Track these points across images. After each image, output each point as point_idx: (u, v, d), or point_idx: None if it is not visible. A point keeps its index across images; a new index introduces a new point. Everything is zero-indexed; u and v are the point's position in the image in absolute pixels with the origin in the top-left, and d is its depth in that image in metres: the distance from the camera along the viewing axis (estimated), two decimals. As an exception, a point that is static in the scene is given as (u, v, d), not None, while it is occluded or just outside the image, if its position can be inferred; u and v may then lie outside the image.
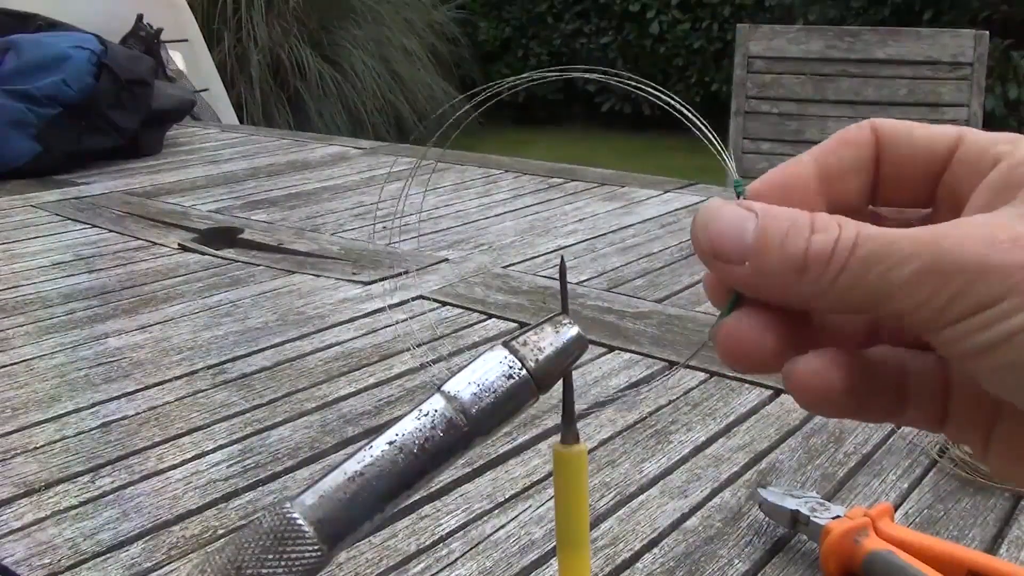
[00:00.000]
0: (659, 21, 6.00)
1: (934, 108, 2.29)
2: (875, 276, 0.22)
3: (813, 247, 0.23)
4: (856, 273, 0.23)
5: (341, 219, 1.38)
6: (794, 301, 0.24)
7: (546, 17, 6.53)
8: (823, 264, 0.23)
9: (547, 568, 0.53)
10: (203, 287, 1.06)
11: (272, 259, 1.17)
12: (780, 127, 2.37)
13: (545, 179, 1.63)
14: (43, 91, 1.69)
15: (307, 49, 5.17)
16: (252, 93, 4.98)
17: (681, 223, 1.32)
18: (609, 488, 0.61)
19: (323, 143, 2.12)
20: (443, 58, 6.01)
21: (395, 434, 0.24)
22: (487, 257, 1.16)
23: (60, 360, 0.85)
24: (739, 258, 0.24)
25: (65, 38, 1.84)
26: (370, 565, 0.53)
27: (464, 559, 0.54)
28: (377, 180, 1.67)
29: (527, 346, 0.26)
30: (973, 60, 2.25)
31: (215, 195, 1.56)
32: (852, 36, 2.36)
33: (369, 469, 0.23)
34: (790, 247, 0.23)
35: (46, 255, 1.20)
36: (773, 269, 0.23)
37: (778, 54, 2.38)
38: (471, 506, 0.59)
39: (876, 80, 2.32)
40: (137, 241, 1.26)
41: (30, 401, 0.76)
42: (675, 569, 0.52)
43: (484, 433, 0.25)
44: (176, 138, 2.09)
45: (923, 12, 5.03)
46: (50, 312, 0.98)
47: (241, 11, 5.02)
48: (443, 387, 0.25)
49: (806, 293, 0.23)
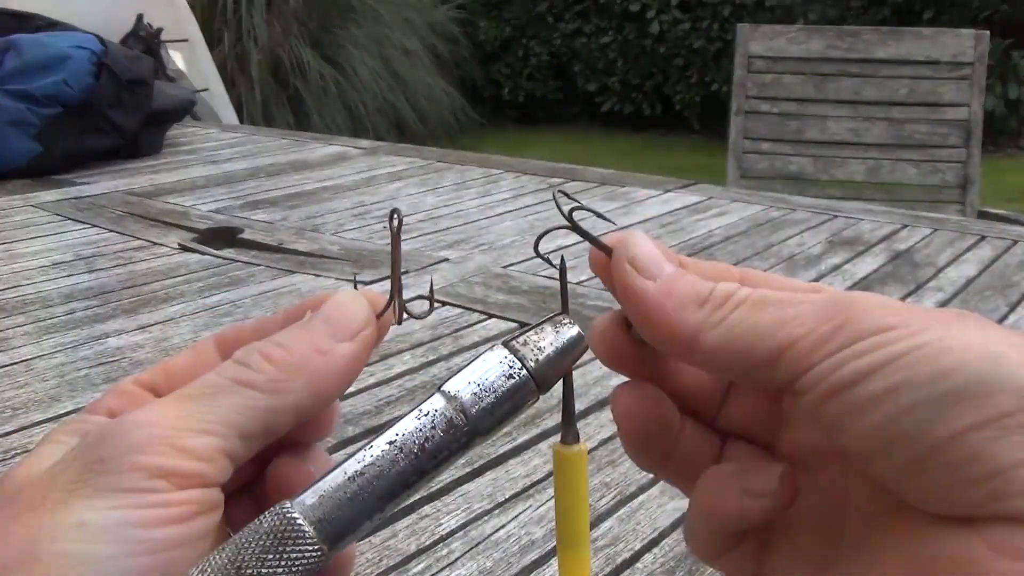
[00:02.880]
0: (659, 21, 6.00)
1: (934, 108, 2.29)
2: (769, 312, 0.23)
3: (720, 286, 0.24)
4: (751, 308, 0.24)
5: (341, 219, 1.38)
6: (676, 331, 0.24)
7: (546, 17, 6.52)
8: (723, 298, 0.24)
9: (547, 568, 0.53)
10: (203, 287, 1.06)
11: (272, 259, 1.17)
12: (780, 127, 2.37)
13: (545, 179, 1.63)
14: (43, 91, 1.69)
15: (307, 49, 5.17)
16: (252, 93, 4.98)
17: (681, 223, 1.32)
18: (609, 488, 0.61)
19: (323, 143, 2.12)
20: (443, 58, 6.01)
21: (395, 434, 0.24)
22: (487, 257, 1.16)
23: (60, 360, 0.85)
24: (651, 274, 0.25)
25: (65, 38, 1.83)
26: (370, 565, 0.53)
27: (464, 559, 0.54)
28: (377, 180, 1.67)
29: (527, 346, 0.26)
30: (973, 60, 2.25)
31: (215, 195, 1.56)
32: (852, 36, 2.36)
33: (369, 469, 0.23)
34: (698, 284, 0.25)
35: (46, 255, 1.20)
36: (678, 292, 0.24)
37: (778, 54, 2.38)
38: (471, 506, 0.59)
39: (876, 80, 2.32)
40: (137, 241, 1.26)
41: (30, 401, 0.76)
42: (675, 569, 0.52)
43: (484, 433, 0.25)
44: (176, 138, 2.09)
45: (923, 12, 5.03)
46: (50, 312, 0.98)
47: (241, 11, 5.02)
48: (443, 387, 0.25)
49: (695, 323, 0.24)
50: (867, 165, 2.32)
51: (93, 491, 0.21)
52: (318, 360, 0.24)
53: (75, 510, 0.21)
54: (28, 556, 0.20)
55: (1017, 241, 1.19)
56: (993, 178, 3.80)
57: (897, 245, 1.20)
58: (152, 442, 0.22)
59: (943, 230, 1.25)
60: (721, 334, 0.24)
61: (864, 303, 0.22)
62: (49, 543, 0.20)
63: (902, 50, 2.31)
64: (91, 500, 0.21)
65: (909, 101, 2.30)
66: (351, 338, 0.25)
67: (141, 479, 0.21)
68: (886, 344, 0.21)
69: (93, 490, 0.21)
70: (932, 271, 1.09)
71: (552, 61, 6.56)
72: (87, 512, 0.21)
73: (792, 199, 1.47)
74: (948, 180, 2.28)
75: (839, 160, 2.33)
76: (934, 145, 2.29)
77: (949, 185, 2.28)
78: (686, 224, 1.32)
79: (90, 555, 0.20)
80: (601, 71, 6.31)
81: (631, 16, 6.13)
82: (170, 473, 0.22)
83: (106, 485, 0.21)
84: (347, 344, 0.25)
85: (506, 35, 6.67)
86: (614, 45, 6.24)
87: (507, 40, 6.69)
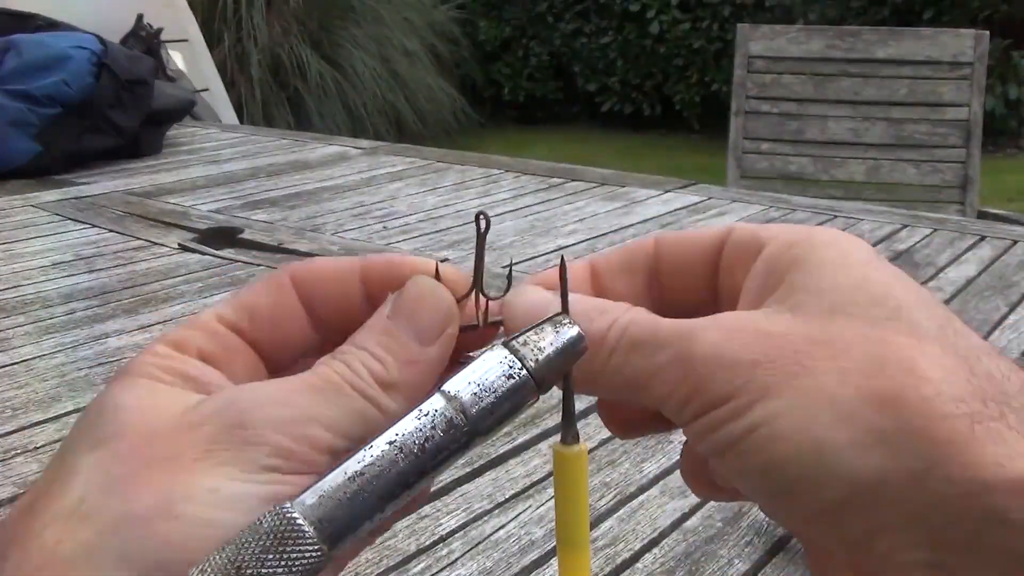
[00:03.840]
0: (659, 21, 6.00)
1: (934, 108, 2.29)
2: (636, 360, 0.24)
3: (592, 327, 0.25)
4: (623, 356, 0.24)
5: (341, 219, 1.38)
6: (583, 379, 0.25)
7: (546, 17, 6.53)
8: (597, 345, 0.24)
9: (547, 568, 0.53)
10: (203, 287, 1.06)
11: (272, 259, 1.17)
12: (780, 127, 2.37)
13: (545, 179, 1.63)
14: (43, 91, 1.69)
15: (307, 49, 5.17)
16: (252, 93, 4.98)
17: (681, 223, 1.32)
18: (609, 488, 0.61)
19: (323, 143, 2.12)
20: (443, 58, 6.01)
21: (395, 434, 0.24)
22: (487, 257, 1.16)
23: (60, 360, 0.85)
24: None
25: (65, 38, 1.84)
26: (370, 565, 0.53)
27: (464, 559, 0.54)
28: (377, 180, 1.67)
29: (527, 346, 0.26)
30: (973, 60, 2.25)
31: (215, 195, 1.56)
32: (852, 36, 2.36)
33: (369, 469, 0.23)
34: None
35: (46, 255, 1.20)
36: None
37: (778, 54, 2.38)
38: (471, 506, 0.59)
39: (876, 80, 2.32)
40: (137, 241, 1.26)
41: (30, 401, 0.76)
42: (675, 569, 0.52)
43: (484, 433, 0.25)
44: (176, 138, 2.09)
45: (923, 12, 5.03)
46: (50, 312, 0.98)
47: (241, 11, 5.02)
48: (443, 387, 0.25)
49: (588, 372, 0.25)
50: (867, 165, 2.32)
51: (230, 457, 0.22)
52: (410, 372, 0.25)
53: (210, 475, 0.21)
54: (164, 512, 0.21)
55: (1017, 241, 1.19)
56: (993, 178, 3.80)
57: (897, 245, 1.20)
58: (288, 423, 0.22)
59: (943, 230, 1.25)
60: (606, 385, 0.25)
61: (711, 363, 0.22)
62: (184, 503, 0.21)
63: (902, 50, 2.31)
64: (226, 467, 0.21)
65: (909, 101, 2.30)
66: (436, 340, 0.26)
67: (270, 456, 0.22)
68: (728, 420, 0.22)
69: (230, 456, 0.22)
70: (932, 271, 1.09)
71: (552, 61, 6.56)
72: (221, 479, 0.21)
73: (792, 199, 1.47)
74: (948, 180, 2.28)
75: (839, 160, 2.33)
76: (934, 145, 2.29)
77: (949, 185, 2.28)
78: (686, 224, 1.32)
79: (225, 523, 0.21)
80: (601, 71, 6.32)
81: (631, 16, 6.13)
82: (292, 456, 0.22)
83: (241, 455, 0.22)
84: (433, 348, 0.26)
85: (506, 35, 6.67)
86: (614, 45, 6.24)
87: (507, 40, 6.69)
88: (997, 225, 1.33)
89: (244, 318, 0.27)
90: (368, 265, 0.27)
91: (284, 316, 0.27)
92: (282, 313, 0.27)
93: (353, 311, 0.26)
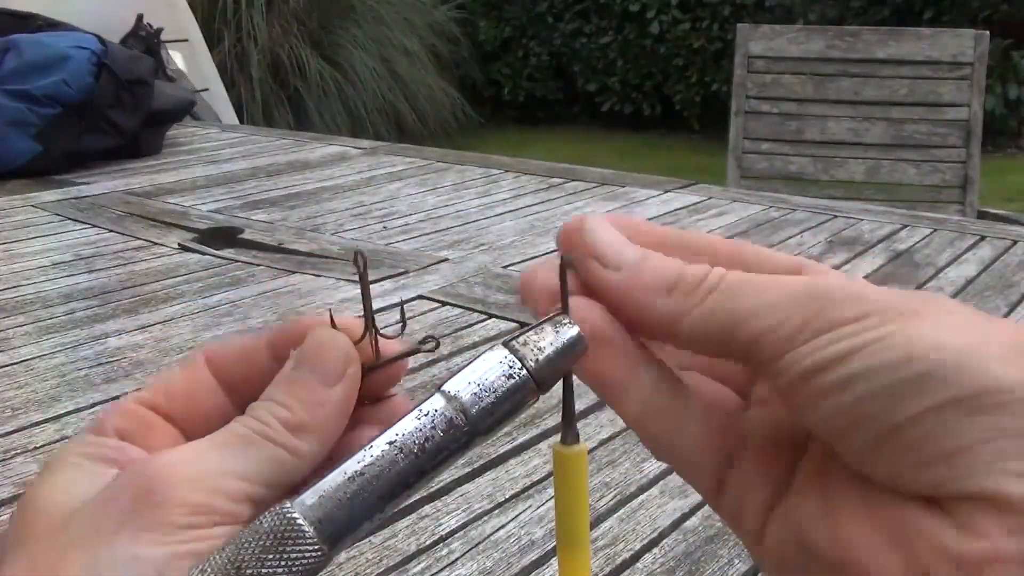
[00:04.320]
0: (659, 21, 5.99)
1: (934, 108, 2.29)
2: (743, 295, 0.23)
3: (688, 270, 0.24)
4: (725, 294, 0.24)
5: (341, 219, 1.38)
6: (650, 320, 0.25)
7: (546, 17, 6.52)
8: (694, 284, 0.24)
9: (547, 568, 0.53)
10: (203, 287, 1.06)
11: (272, 259, 1.17)
12: (780, 127, 2.37)
13: (545, 179, 1.63)
14: (43, 91, 1.69)
15: (307, 49, 5.17)
16: (252, 93, 4.98)
17: (681, 223, 1.32)
18: (609, 488, 0.61)
19: (323, 143, 2.12)
20: (443, 58, 6.01)
21: (395, 434, 0.24)
22: (487, 257, 1.16)
23: (60, 360, 0.85)
24: (615, 264, 0.25)
25: (65, 38, 1.84)
26: (370, 565, 0.53)
27: (464, 559, 0.54)
28: (377, 180, 1.67)
29: (527, 346, 0.26)
30: (973, 60, 2.25)
31: (215, 195, 1.56)
32: (852, 36, 2.36)
33: (369, 469, 0.23)
34: (667, 267, 0.25)
35: (46, 255, 1.20)
36: (644, 282, 0.25)
37: (778, 54, 2.38)
38: (471, 506, 0.59)
39: (876, 80, 2.32)
40: (137, 241, 1.26)
41: (30, 401, 0.76)
42: (675, 569, 0.52)
43: (484, 433, 0.25)
44: (176, 138, 2.09)
45: (923, 12, 5.03)
46: (50, 312, 0.98)
47: (241, 11, 5.02)
48: (443, 387, 0.25)
49: (668, 311, 0.24)
50: (867, 165, 2.32)
51: (145, 524, 0.22)
52: (319, 414, 0.26)
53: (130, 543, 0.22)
54: None
55: (1017, 241, 1.19)
56: (993, 178, 3.80)
57: (897, 245, 1.20)
58: (198, 480, 0.23)
59: (943, 230, 1.25)
60: (696, 321, 0.24)
61: (839, 292, 0.22)
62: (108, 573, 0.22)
63: (902, 50, 2.31)
64: (144, 533, 0.22)
65: (909, 101, 2.30)
66: (339, 380, 0.26)
67: (185, 515, 0.23)
68: (857, 333, 0.21)
69: (145, 523, 0.22)
70: (932, 271, 1.09)
71: (552, 61, 6.56)
72: (141, 545, 0.22)
73: (792, 199, 1.47)
74: (948, 180, 2.28)
75: (839, 160, 2.33)
76: (934, 145, 2.29)
77: (949, 185, 2.28)
78: (686, 224, 1.32)
79: None
80: (601, 71, 6.31)
81: (631, 16, 6.13)
82: (210, 510, 0.23)
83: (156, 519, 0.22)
84: (338, 388, 0.26)
85: (506, 35, 6.67)
86: (614, 45, 6.23)
87: (507, 40, 6.69)
88: (997, 225, 1.33)
89: (160, 395, 0.28)
90: (273, 335, 0.29)
91: (198, 390, 0.28)
92: (196, 387, 0.28)
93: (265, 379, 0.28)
